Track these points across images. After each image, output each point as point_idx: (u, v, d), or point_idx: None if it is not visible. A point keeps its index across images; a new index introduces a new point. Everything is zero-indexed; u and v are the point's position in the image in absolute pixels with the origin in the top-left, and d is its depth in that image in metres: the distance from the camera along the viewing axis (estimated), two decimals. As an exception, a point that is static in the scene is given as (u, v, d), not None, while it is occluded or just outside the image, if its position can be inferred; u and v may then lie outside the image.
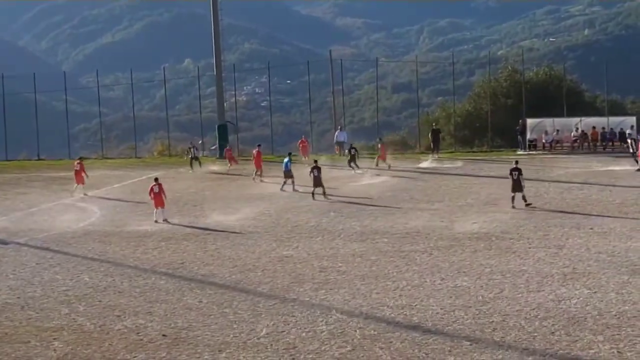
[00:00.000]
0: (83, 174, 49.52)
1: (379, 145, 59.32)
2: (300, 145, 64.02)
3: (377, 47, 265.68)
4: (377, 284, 26.25)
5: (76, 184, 49.75)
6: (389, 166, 55.59)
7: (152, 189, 39.84)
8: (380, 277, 27.18)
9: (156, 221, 38.93)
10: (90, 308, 24.96)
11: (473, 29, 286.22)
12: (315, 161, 46.19)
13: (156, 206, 39.61)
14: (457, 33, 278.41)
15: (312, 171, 44.46)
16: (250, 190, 48.46)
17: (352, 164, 53.84)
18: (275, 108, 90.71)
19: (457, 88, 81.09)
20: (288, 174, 47.49)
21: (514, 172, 39.25)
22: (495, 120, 70.66)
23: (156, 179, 40.64)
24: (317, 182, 44.29)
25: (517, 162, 40.32)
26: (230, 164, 59.77)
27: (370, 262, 29.21)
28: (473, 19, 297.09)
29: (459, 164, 58.74)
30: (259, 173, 52.05)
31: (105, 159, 69.45)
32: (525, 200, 38.98)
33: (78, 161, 51.30)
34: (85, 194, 48.87)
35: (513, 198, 39.00)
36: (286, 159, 48.31)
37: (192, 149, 61.46)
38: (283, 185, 47.27)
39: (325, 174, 46.56)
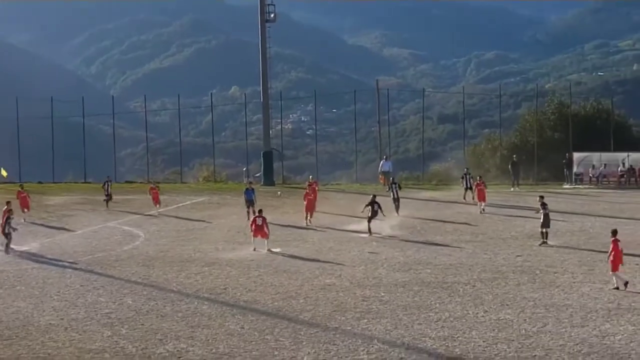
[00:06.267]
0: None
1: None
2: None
3: (423, 77, 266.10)
4: (420, 315, 26.14)
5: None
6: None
7: None
8: (423, 307, 27.06)
9: None
10: (132, 331, 25.06)
11: (520, 62, 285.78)
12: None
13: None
14: (504, 65, 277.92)
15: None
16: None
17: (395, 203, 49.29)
18: (320, 137, 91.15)
19: (504, 120, 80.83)
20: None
21: (544, 207, 38.73)
22: (541, 154, 70.32)
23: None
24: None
25: (542, 197, 39.80)
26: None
27: (413, 293, 29.09)
28: (520, 52, 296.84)
29: (503, 196, 58.37)
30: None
31: (150, 183, 69.86)
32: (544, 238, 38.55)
33: (152, 185, 53.68)
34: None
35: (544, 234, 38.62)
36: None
37: (106, 184, 55.40)
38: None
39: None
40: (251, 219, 40.81)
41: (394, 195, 48.99)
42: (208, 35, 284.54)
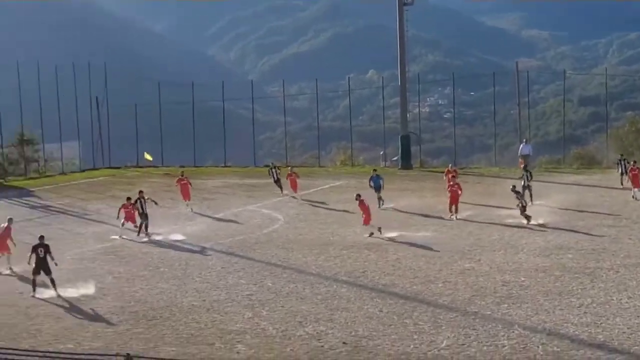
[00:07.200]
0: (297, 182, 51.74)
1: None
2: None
3: (563, 59, 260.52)
4: (561, 301, 25.72)
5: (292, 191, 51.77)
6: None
7: None
8: (564, 293, 26.61)
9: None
10: (272, 313, 25.36)
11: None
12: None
13: None
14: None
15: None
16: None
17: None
18: (458, 120, 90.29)
19: (648, 102, 78.73)
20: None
21: None
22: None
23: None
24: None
25: None
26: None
27: (554, 278, 28.63)
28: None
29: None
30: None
31: (288, 169, 70.46)
32: None
33: (290, 172, 52.58)
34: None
35: None
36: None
37: (273, 170, 54.18)
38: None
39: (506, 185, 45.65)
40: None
41: (525, 182, 47.57)
42: (345, 20, 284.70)
